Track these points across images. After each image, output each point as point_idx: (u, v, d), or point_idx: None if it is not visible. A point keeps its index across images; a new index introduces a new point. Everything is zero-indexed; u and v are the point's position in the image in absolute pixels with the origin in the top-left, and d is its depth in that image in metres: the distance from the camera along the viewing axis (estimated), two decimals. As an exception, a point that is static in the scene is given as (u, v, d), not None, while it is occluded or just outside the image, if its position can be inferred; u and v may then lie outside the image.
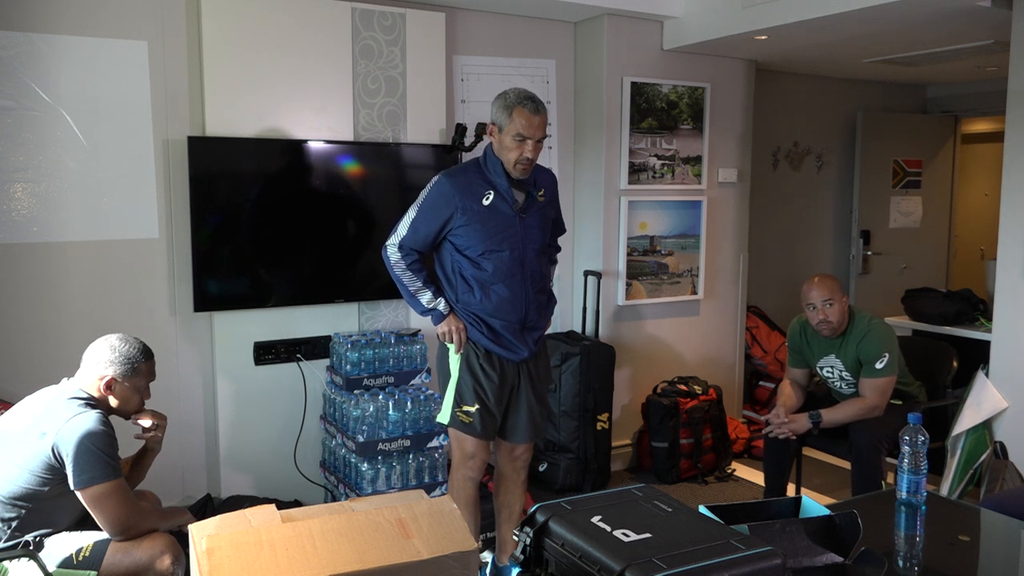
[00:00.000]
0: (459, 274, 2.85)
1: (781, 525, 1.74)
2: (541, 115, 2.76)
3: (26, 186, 3.23)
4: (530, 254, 2.87)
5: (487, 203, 2.79)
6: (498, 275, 2.81)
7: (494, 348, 2.85)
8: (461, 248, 2.82)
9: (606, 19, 4.26)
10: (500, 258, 2.80)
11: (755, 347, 5.16)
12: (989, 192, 6.70)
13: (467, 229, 2.78)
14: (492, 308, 2.82)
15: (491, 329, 2.84)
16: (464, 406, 2.86)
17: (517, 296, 2.84)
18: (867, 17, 3.63)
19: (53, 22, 3.22)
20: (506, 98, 2.76)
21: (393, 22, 3.79)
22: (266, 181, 3.57)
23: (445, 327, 2.84)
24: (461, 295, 2.85)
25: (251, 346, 3.62)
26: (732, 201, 4.87)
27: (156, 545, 2.29)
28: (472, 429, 2.87)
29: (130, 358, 2.40)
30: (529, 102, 2.74)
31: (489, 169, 2.82)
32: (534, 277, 2.90)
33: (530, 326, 2.90)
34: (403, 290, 2.87)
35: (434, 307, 2.83)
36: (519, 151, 2.74)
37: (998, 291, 3.59)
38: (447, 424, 2.92)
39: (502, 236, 2.80)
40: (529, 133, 2.72)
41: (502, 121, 2.75)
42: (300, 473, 3.73)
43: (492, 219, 2.79)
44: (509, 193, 2.80)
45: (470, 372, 2.86)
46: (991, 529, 2.13)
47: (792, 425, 3.42)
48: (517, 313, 2.85)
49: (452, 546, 1.86)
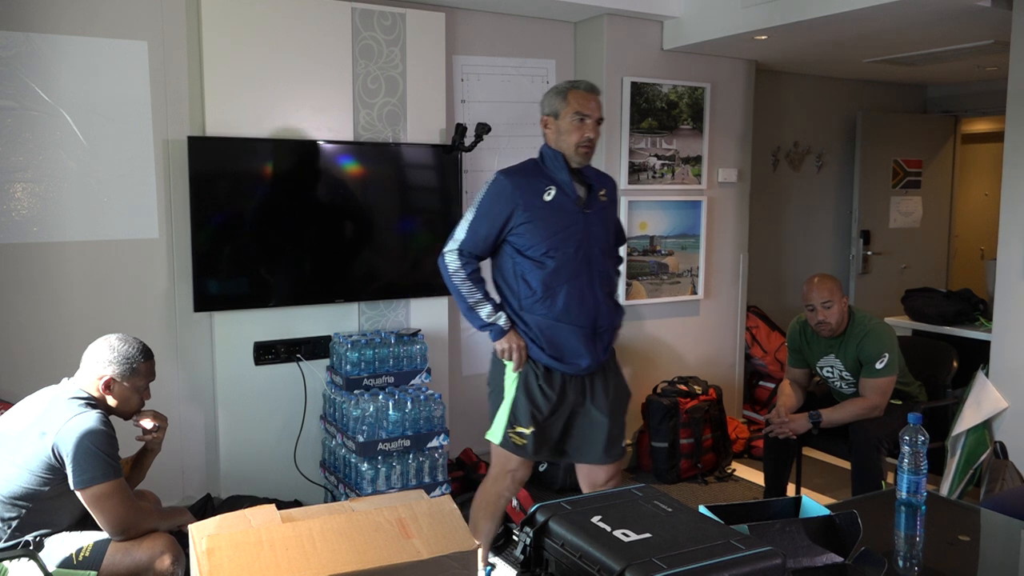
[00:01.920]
0: (521, 278, 2.67)
1: (781, 525, 1.74)
2: (596, 94, 2.71)
3: (26, 186, 3.23)
4: (596, 252, 2.71)
5: (548, 199, 2.65)
6: (563, 275, 2.64)
7: (555, 365, 2.67)
8: (523, 249, 2.65)
9: (606, 19, 4.26)
10: (565, 256, 2.64)
11: (755, 347, 5.16)
12: (989, 192, 6.70)
13: (528, 227, 2.63)
14: (559, 312, 2.65)
15: (553, 344, 2.66)
16: (518, 427, 2.70)
17: (585, 297, 2.67)
18: (867, 17, 3.63)
19: (53, 22, 3.22)
20: (557, 87, 2.73)
21: (393, 22, 3.79)
22: (266, 181, 3.57)
23: (505, 344, 2.66)
24: (524, 300, 2.67)
25: (251, 346, 3.62)
26: (732, 201, 4.87)
27: (156, 545, 2.29)
28: (524, 451, 2.72)
29: (129, 358, 2.40)
30: (582, 82, 2.72)
31: (547, 165, 2.71)
32: (602, 278, 2.74)
33: (600, 330, 2.72)
34: (461, 303, 2.69)
35: (494, 322, 2.65)
36: (580, 132, 2.65)
37: (998, 291, 3.59)
38: (497, 443, 2.76)
39: (565, 233, 2.65)
40: (588, 111, 2.65)
41: (557, 107, 2.68)
42: (300, 473, 3.73)
43: (554, 215, 2.65)
44: (571, 187, 2.68)
45: (527, 393, 2.68)
46: (991, 529, 2.13)
47: (792, 425, 3.42)
48: (586, 316, 2.67)
49: (452, 546, 1.86)
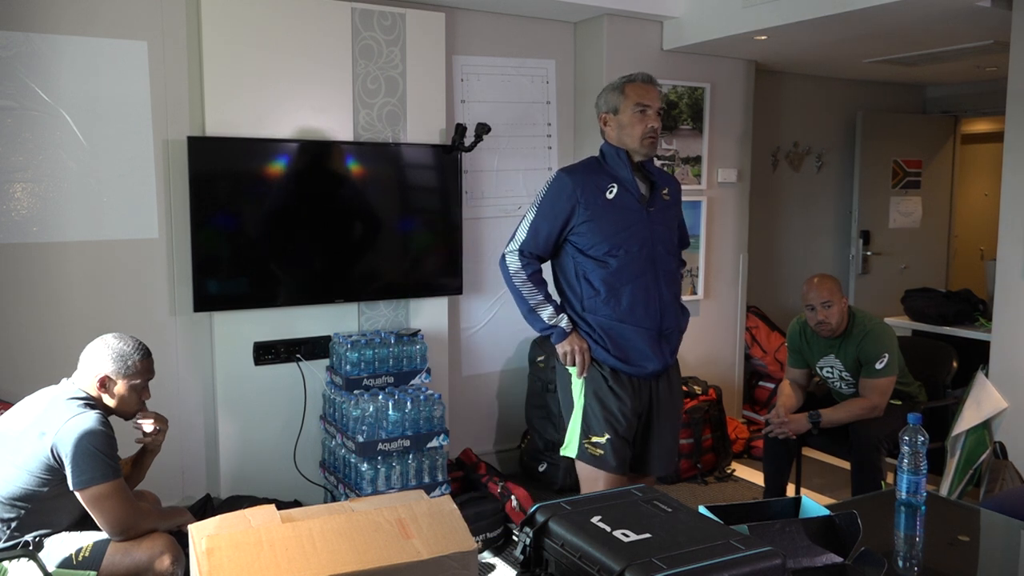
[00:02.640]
0: (584, 278, 2.60)
1: (781, 525, 1.74)
2: (653, 84, 2.66)
3: (26, 186, 3.23)
4: (660, 251, 2.64)
5: (611, 196, 2.58)
6: (627, 274, 2.57)
7: (621, 366, 2.58)
8: (584, 248, 2.59)
9: (606, 19, 4.26)
10: (629, 254, 2.57)
11: (755, 347, 5.16)
12: (989, 192, 6.70)
13: (590, 226, 2.57)
14: (623, 312, 2.57)
15: (617, 344, 2.58)
16: (593, 436, 2.58)
17: (651, 296, 2.60)
18: (867, 17, 3.63)
19: (53, 22, 3.22)
20: (611, 84, 2.69)
21: (393, 22, 3.79)
22: (266, 181, 3.57)
23: (567, 346, 2.58)
24: (587, 301, 2.60)
25: (251, 346, 3.62)
26: (732, 201, 4.87)
27: (156, 545, 2.29)
28: (605, 463, 2.57)
29: (124, 355, 2.39)
30: (638, 74, 2.67)
31: (609, 163, 2.65)
32: (667, 277, 2.65)
33: (667, 331, 2.64)
34: (521, 305, 2.63)
35: (556, 324, 2.59)
36: (643, 123, 2.59)
37: (998, 291, 3.59)
38: (575, 456, 2.64)
39: (629, 232, 2.58)
40: (648, 101, 2.60)
41: (616, 102, 2.64)
42: (300, 473, 3.73)
43: (617, 213, 2.58)
44: (634, 185, 2.62)
45: (597, 397, 2.58)
46: (991, 529, 2.13)
47: (792, 425, 3.42)
48: (651, 317, 2.59)
49: (452, 546, 1.86)
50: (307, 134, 3.64)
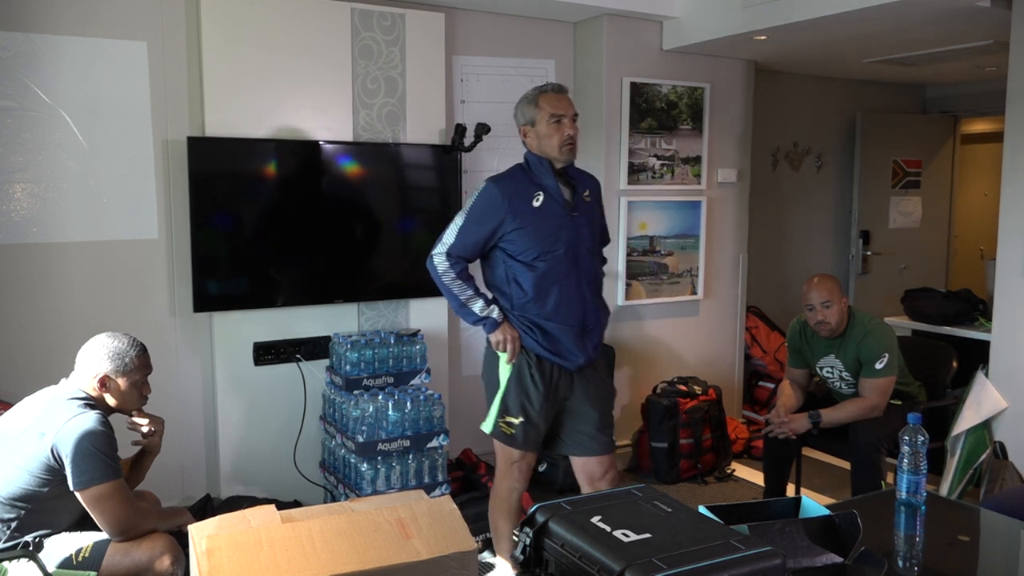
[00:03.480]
0: (514, 281, 2.77)
1: (781, 525, 1.74)
2: (564, 93, 2.82)
3: (25, 187, 3.23)
4: (584, 253, 2.80)
5: (538, 204, 2.74)
6: (554, 276, 2.74)
7: (549, 356, 2.76)
8: (515, 254, 2.75)
9: (605, 19, 4.26)
10: (555, 258, 2.73)
11: (755, 347, 5.16)
12: (988, 192, 6.70)
13: (520, 233, 2.72)
14: (550, 311, 2.74)
15: (547, 336, 2.76)
16: (508, 417, 2.79)
17: (574, 297, 2.77)
18: (866, 17, 3.63)
19: (53, 23, 3.22)
20: (525, 97, 2.83)
21: (392, 22, 3.79)
22: (266, 182, 3.57)
23: (500, 335, 2.75)
24: (516, 301, 2.77)
25: (251, 346, 3.62)
26: (732, 201, 4.87)
27: (156, 546, 2.29)
28: (514, 441, 2.81)
29: (121, 353, 2.39)
30: (549, 85, 2.84)
31: (533, 172, 2.79)
32: (590, 278, 2.84)
33: (589, 329, 2.81)
34: (452, 301, 2.78)
35: (487, 315, 2.75)
36: (560, 132, 2.74)
37: (998, 291, 3.59)
38: (489, 432, 2.86)
39: (555, 237, 2.74)
40: (561, 110, 2.75)
41: (531, 115, 2.79)
42: (300, 473, 3.73)
43: (544, 220, 2.74)
44: (558, 192, 2.77)
45: (519, 383, 2.77)
46: (991, 529, 2.13)
47: (792, 425, 3.42)
48: (575, 315, 2.77)
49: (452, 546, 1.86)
50: (306, 134, 3.64)
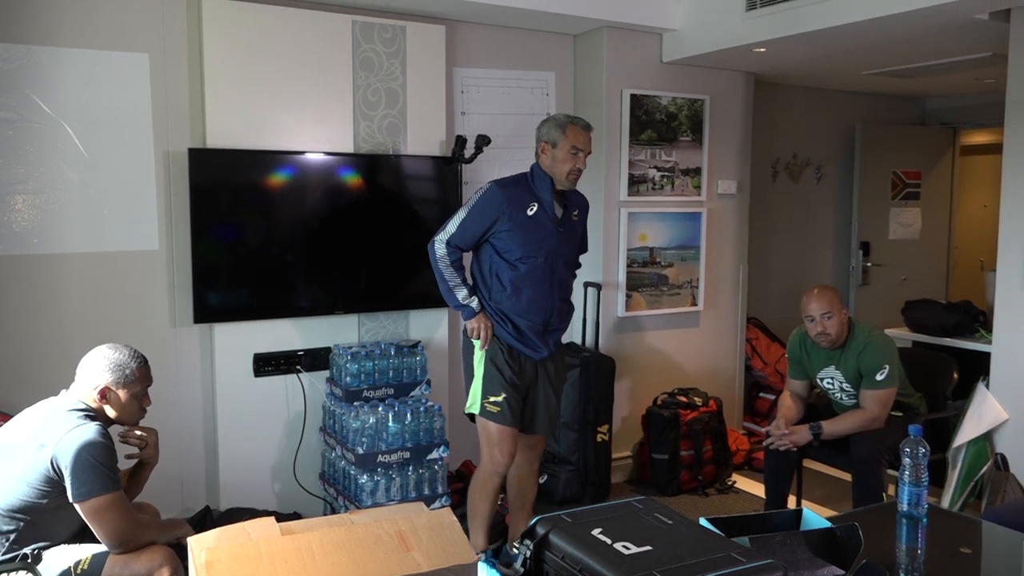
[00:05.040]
0: (495, 275, 3.11)
1: (782, 538, 1.73)
2: (590, 131, 3.13)
3: (27, 198, 3.23)
4: (560, 264, 3.16)
5: (531, 214, 3.07)
6: (530, 279, 3.09)
7: (517, 345, 3.12)
8: (501, 251, 3.08)
9: (605, 32, 4.28)
10: (535, 264, 3.08)
11: (755, 359, 5.16)
12: (988, 204, 6.70)
13: (510, 234, 3.05)
14: (521, 308, 3.10)
15: (516, 328, 3.11)
16: (492, 396, 3.10)
17: (544, 300, 3.12)
18: (865, 30, 3.64)
19: (55, 34, 3.23)
20: (556, 119, 3.12)
21: (393, 34, 3.81)
22: (266, 193, 3.57)
23: (475, 323, 3.09)
24: (494, 294, 3.11)
25: (251, 357, 3.62)
26: (732, 213, 4.88)
27: (155, 558, 2.28)
28: (502, 417, 3.10)
29: (121, 365, 2.39)
30: (580, 120, 3.13)
31: (536, 184, 3.11)
32: (560, 285, 3.20)
33: (551, 328, 3.19)
34: (442, 284, 3.11)
35: (467, 304, 3.09)
36: (573, 163, 3.07)
37: (998, 302, 3.59)
38: (477, 413, 3.14)
39: (539, 245, 3.08)
40: (582, 146, 3.08)
41: (555, 138, 3.08)
42: (300, 485, 3.72)
43: (533, 228, 3.07)
44: (551, 207, 3.10)
45: (495, 364, 3.11)
46: (992, 541, 2.13)
47: (792, 437, 3.41)
48: (542, 315, 3.13)
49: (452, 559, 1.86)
50: (307, 146, 3.65)
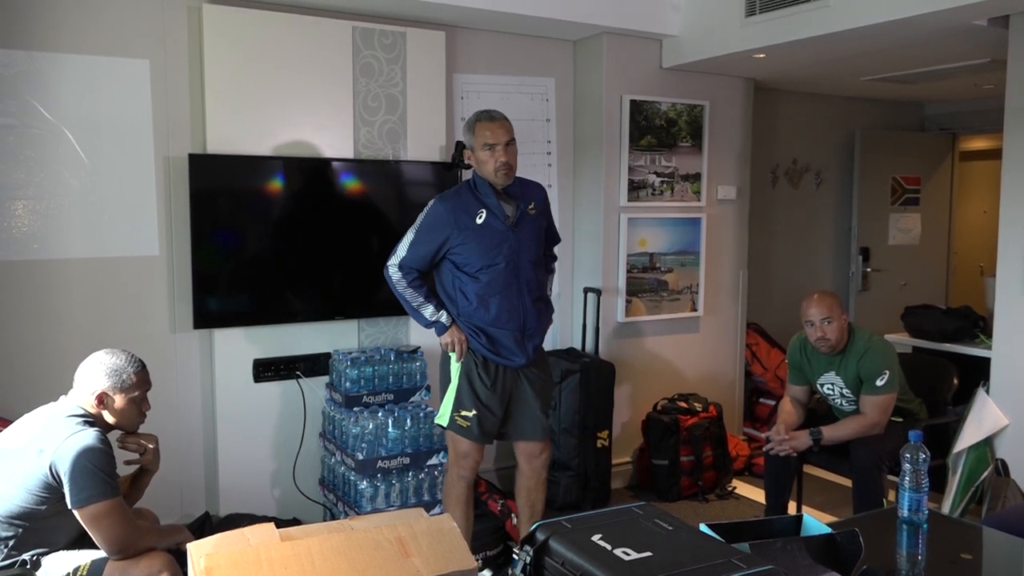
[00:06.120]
0: (459, 290, 3.04)
1: (782, 543, 1.73)
2: (498, 120, 3.01)
3: (27, 203, 3.24)
4: (525, 264, 3.06)
5: (480, 221, 2.99)
6: (495, 287, 3.00)
7: (492, 356, 3.04)
8: (461, 266, 3.01)
9: (605, 38, 4.28)
10: (496, 271, 2.99)
11: (755, 364, 5.15)
12: (988, 209, 6.71)
13: (464, 247, 2.98)
14: (492, 319, 3.01)
15: (490, 339, 3.03)
16: (462, 411, 3.05)
17: (515, 306, 3.04)
18: (865, 36, 3.65)
19: (55, 41, 3.24)
20: (467, 121, 3.06)
21: (394, 40, 3.81)
22: (266, 199, 3.58)
23: (448, 338, 3.04)
24: (463, 309, 3.04)
25: (250, 363, 3.62)
26: (731, 218, 4.88)
27: (154, 564, 2.28)
28: (469, 432, 3.05)
29: (119, 370, 2.39)
30: (484, 113, 3.03)
31: (479, 190, 3.03)
32: (530, 286, 3.09)
33: (529, 333, 3.09)
34: (407, 306, 3.07)
35: (437, 320, 3.04)
36: (493, 159, 2.96)
37: (998, 308, 3.59)
38: (445, 426, 3.11)
39: (497, 250, 2.99)
40: (494, 139, 2.96)
41: (470, 141, 3.02)
42: (299, 491, 3.72)
43: (486, 235, 2.98)
44: (500, 209, 3.01)
45: (468, 380, 3.05)
46: (993, 547, 2.12)
47: (793, 442, 3.40)
48: (516, 321, 3.04)
49: (452, 565, 1.85)
50: (307, 151, 3.65)
